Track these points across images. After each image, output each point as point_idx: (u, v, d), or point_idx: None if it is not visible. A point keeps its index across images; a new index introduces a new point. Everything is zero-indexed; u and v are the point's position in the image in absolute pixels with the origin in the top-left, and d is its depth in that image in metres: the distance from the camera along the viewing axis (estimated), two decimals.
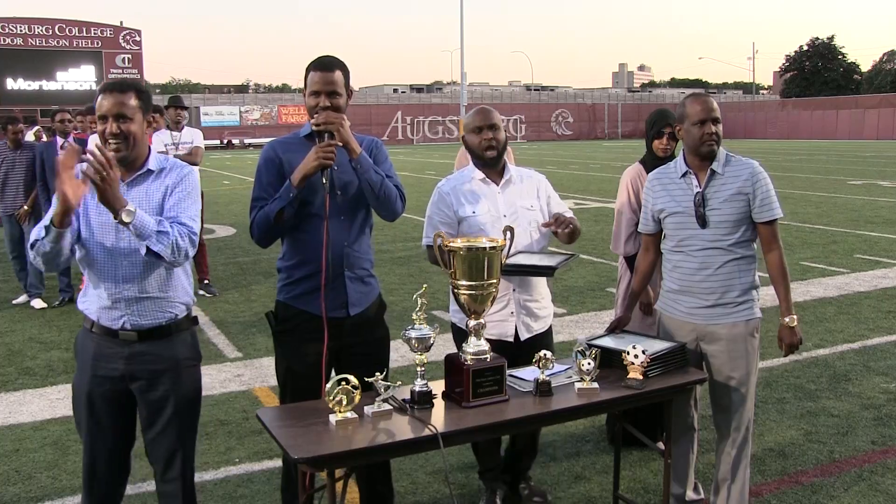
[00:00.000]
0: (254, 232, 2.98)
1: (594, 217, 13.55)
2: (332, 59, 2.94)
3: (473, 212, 3.27)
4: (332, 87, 2.88)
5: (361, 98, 63.05)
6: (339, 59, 2.97)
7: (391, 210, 2.99)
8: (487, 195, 3.31)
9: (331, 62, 2.92)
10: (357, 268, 3.00)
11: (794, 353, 3.22)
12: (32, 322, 7.08)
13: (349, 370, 2.64)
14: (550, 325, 3.47)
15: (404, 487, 3.74)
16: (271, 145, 3.11)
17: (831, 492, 3.64)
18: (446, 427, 2.50)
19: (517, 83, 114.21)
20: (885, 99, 51.00)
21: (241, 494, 3.70)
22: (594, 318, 6.84)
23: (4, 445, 4.34)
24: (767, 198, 3.06)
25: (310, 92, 2.90)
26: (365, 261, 3.05)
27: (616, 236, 4.08)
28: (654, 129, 3.93)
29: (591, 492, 3.69)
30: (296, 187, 2.85)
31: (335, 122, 2.84)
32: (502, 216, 3.26)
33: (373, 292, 3.09)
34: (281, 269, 3.08)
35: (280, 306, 3.05)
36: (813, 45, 70.03)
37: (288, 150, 3.00)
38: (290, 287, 3.00)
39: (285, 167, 2.95)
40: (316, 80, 2.89)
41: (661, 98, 72.25)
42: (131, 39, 41.47)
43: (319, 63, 2.91)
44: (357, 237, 3.01)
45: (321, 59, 2.94)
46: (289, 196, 2.85)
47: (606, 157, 32.77)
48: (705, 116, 3.04)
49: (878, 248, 10.01)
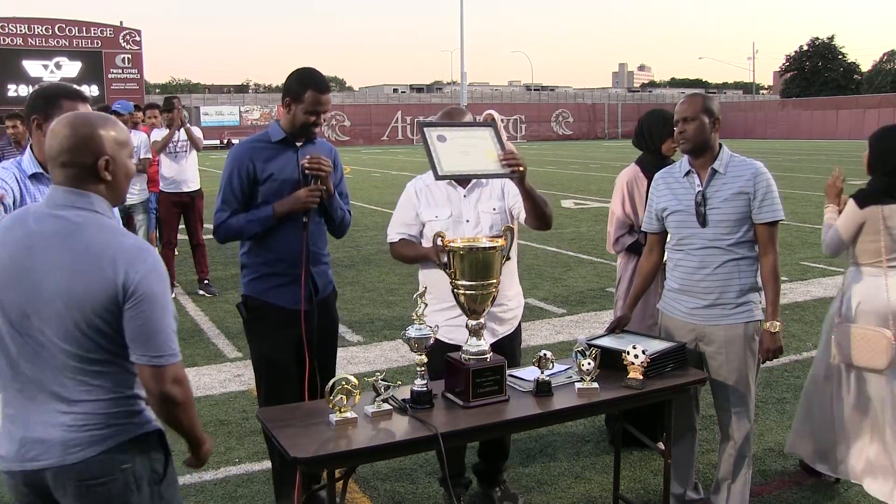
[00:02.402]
0: (220, 235, 3.23)
1: (594, 217, 13.55)
2: (325, 79, 3.17)
3: (436, 216, 3.26)
4: (327, 108, 3.15)
5: (362, 98, 63.07)
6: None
7: (341, 235, 3.45)
8: (452, 199, 3.28)
9: (327, 84, 3.16)
10: (321, 263, 3.31)
11: (772, 360, 3.19)
12: None
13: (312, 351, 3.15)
14: (519, 325, 3.40)
15: (404, 487, 3.74)
16: (243, 149, 3.22)
17: (831, 492, 3.64)
18: (446, 427, 2.50)
19: (517, 83, 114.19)
20: (885, 99, 50.99)
21: (241, 494, 3.70)
22: (594, 318, 6.84)
23: None
24: (768, 199, 3.06)
25: (307, 110, 3.10)
26: (325, 254, 3.36)
27: (608, 235, 4.10)
28: (664, 130, 3.86)
29: (591, 492, 3.69)
30: (276, 217, 3.12)
31: (325, 171, 3.12)
32: (465, 221, 3.23)
33: (331, 283, 3.41)
34: (246, 265, 3.27)
35: (248, 300, 3.28)
36: (813, 45, 69.99)
37: (260, 155, 3.16)
38: (256, 282, 3.24)
39: (258, 173, 3.14)
40: (317, 100, 3.11)
41: (662, 98, 72.23)
42: (131, 39, 41.43)
43: (320, 84, 3.12)
44: (319, 237, 3.30)
45: (319, 79, 3.15)
46: (267, 224, 3.11)
47: (606, 157, 32.76)
48: (677, 118, 3.14)
49: None
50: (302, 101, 3.09)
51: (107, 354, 1.92)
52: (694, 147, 3.10)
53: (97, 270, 1.86)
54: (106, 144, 1.95)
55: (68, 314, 1.86)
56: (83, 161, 1.92)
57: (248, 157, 3.14)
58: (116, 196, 2.02)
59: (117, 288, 1.86)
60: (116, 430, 1.94)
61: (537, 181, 21.80)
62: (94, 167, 1.94)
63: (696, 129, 3.07)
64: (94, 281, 1.86)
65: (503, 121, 7.31)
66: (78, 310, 1.86)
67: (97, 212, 1.94)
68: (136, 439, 1.98)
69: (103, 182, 1.96)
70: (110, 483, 1.93)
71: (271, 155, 3.14)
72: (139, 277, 1.87)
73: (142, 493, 1.98)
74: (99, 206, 1.95)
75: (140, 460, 1.98)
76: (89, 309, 1.86)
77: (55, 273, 1.87)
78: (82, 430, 1.91)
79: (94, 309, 1.86)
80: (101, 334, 1.89)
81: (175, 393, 1.93)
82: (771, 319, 3.10)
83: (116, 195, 2.02)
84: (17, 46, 39.28)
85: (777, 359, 3.19)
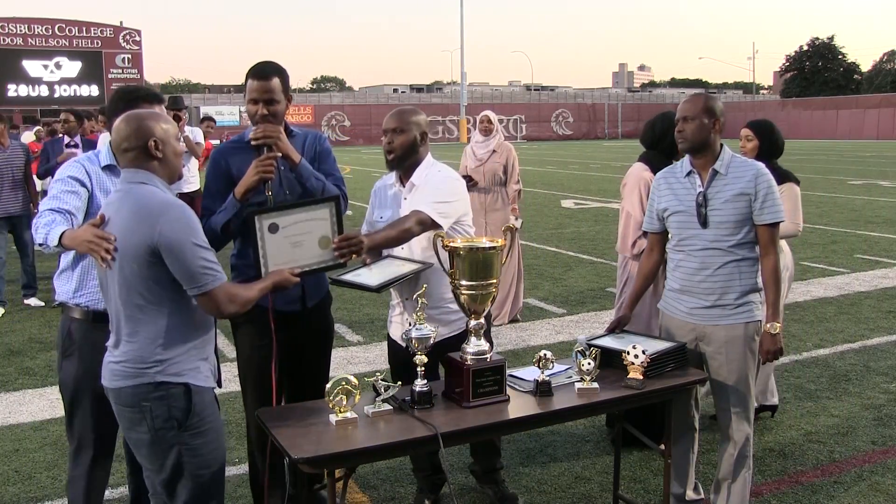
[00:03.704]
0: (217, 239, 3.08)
1: (594, 217, 13.55)
2: (269, 66, 3.00)
3: (381, 217, 3.30)
4: (270, 94, 2.96)
5: (362, 98, 63.04)
6: (277, 64, 3.04)
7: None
8: (396, 200, 3.29)
9: (268, 70, 2.97)
10: None
11: (772, 361, 3.19)
12: (32, 322, 7.07)
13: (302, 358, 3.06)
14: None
15: (404, 488, 3.74)
16: (219, 151, 3.20)
17: (831, 492, 3.64)
18: (446, 427, 2.49)
19: (517, 83, 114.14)
20: (885, 99, 50.96)
21: (241, 494, 3.70)
22: (594, 318, 6.83)
23: (4, 445, 4.34)
24: (769, 200, 3.05)
25: (248, 99, 2.98)
26: None
27: (623, 238, 4.04)
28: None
29: (591, 492, 3.69)
30: (239, 201, 2.95)
31: (273, 136, 2.92)
32: None
33: (324, 284, 3.25)
34: (235, 266, 3.19)
35: None
36: (813, 45, 69.98)
37: (235, 155, 3.08)
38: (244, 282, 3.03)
39: (234, 173, 3.04)
40: (254, 87, 2.96)
41: (662, 98, 72.20)
42: (131, 39, 41.44)
43: (257, 71, 2.97)
44: None
45: (259, 66, 2.99)
46: (234, 209, 2.96)
47: (606, 157, 32.75)
48: (678, 116, 3.15)
49: (878, 248, 10.01)
50: (245, 93, 3.00)
51: (144, 301, 2.34)
52: (692, 147, 3.10)
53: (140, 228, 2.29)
54: (155, 130, 2.41)
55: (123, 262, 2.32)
56: (138, 144, 2.39)
57: (223, 160, 3.09)
58: (170, 171, 2.47)
59: (152, 242, 2.28)
60: (141, 372, 2.36)
61: (537, 181, 21.74)
62: (146, 148, 2.39)
63: (695, 128, 3.08)
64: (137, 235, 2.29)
65: (502, 121, 7.29)
66: (126, 259, 2.31)
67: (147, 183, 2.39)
68: (159, 385, 2.36)
69: (156, 160, 2.41)
70: (131, 412, 2.39)
71: (246, 156, 3.01)
72: (164, 230, 2.28)
73: (159, 430, 2.38)
74: (152, 180, 2.40)
75: (158, 404, 2.37)
76: (131, 258, 2.31)
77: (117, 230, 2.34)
78: (119, 365, 2.39)
79: (133, 257, 2.30)
80: (142, 282, 2.32)
81: (232, 310, 2.43)
82: (771, 321, 3.09)
83: (170, 171, 2.47)
84: (17, 46, 39.25)
85: (777, 360, 3.19)
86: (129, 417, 2.42)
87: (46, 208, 2.70)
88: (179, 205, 2.37)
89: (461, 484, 3.77)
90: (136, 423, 2.40)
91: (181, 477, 2.43)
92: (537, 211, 14.34)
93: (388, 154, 3.21)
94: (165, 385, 2.37)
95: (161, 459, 2.42)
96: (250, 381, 3.20)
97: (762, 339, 3.13)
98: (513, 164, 6.70)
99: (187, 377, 2.41)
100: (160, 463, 2.43)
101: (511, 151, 6.76)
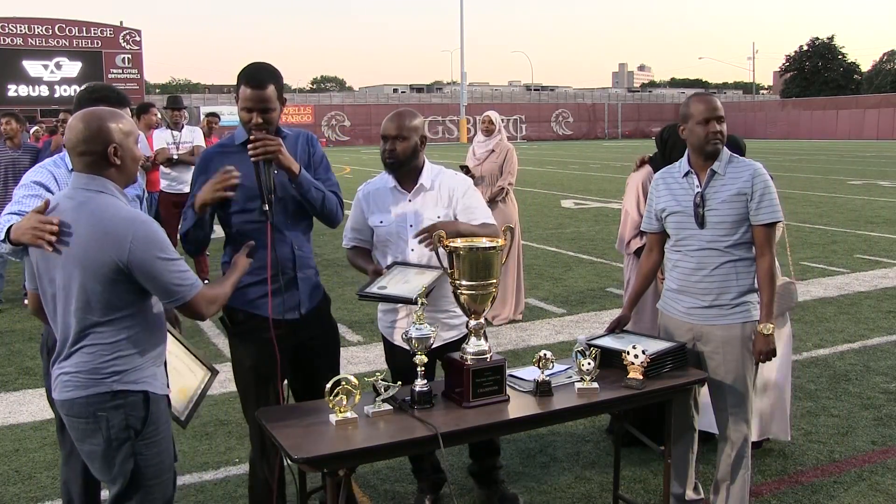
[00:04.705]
0: (184, 245, 3.07)
1: (594, 217, 13.55)
2: (263, 72, 2.89)
3: (381, 221, 3.26)
4: (265, 104, 2.87)
5: (362, 98, 63.04)
6: (271, 67, 2.93)
7: (333, 220, 3.09)
8: (398, 204, 3.26)
9: (263, 78, 2.86)
10: (307, 268, 3.07)
11: (764, 363, 3.18)
12: (32, 322, 7.07)
13: (309, 363, 3.00)
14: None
15: (404, 488, 3.74)
16: (209, 153, 3.10)
17: (831, 492, 3.64)
18: (446, 427, 2.49)
19: (517, 83, 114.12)
20: (885, 99, 50.98)
21: (241, 494, 3.70)
22: (594, 318, 6.84)
23: (4, 445, 4.34)
24: (766, 199, 3.05)
25: (242, 108, 2.89)
26: (311, 260, 3.12)
27: (621, 237, 4.07)
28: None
29: (591, 492, 3.69)
30: (196, 214, 2.87)
31: (273, 151, 2.82)
32: (409, 226, 3.21)
33: (321, 288, 3.19)
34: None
35: (231, 311, 3.02)
36: (813, 45, 69.98)
37: (223, 159, 2.96)
38: (240, 292, 2.87)
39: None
40: (248, 97, 2.85)
41: (662, 98, 72.24)
42: (131, 39, 41.47)
43: (251, 78, 2.85)
44: (304, 240, 3.07)
45: (253, 72, 2.88)
46: (192, 221, 2.90)
47: (606, 157, 32.76)
48: (710, 115, 3.04)
49: (878, 248, 10.01)
50: (238, 98, 2.90)
51: (102, 316, 2.27)
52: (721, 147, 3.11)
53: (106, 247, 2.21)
54: (114, 135, 2.29)
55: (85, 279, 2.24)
56: (96, 149, 2.28)
57: (210, 163, 2.98)
58: (127, 178, 2.38)
59: (122, 262, 2.21)
60: (96, 382, 2.30)
61: (537, 181, 21.69)
62: (105, 154, 2.28)
63: (726, 129, 3.10)
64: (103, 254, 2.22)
65: (503, 121, 7.30)
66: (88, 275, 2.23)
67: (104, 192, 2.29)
68: (116, 394, 2.30)
69: (113, 166, 2.31)
70: (85, 423, 2.31)
71: (234, 159, 2.92)
72: (134, 250, 2.22)
73: (114, 441, 2.31)
74: (108, 188, 2.30)
75: (115, 414, 2.31)
76: (91, 273, 2.23)
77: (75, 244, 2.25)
78: (71, 376, 2.31)
79: (95, 274, 2.22)
80: (103, 298, 2.25)
81: (212, 311, 2.42)
82: (765, 322, 3.08)
83: (127, 177, 2.38)
84: (17, 46, 39.28)
85: (770, 361, 3.18)
86: (81, 429, 2.34)
87: (7, 212, 2.57)
88: (143, 220, 2.29)
89: (461, 484, 3.77)
90: (89, 434, 2.33)
91: (136, 488, 2.37)
92: (537, 211, 14.34)
93: (388, 160, 3.22)
94: (123, 394, 2.31)
95: (115, 470, 2.36)
96: (252, 393, 3.09)
97: (755, 339, 3.11)
98: (509, 162, 6.71)
99: (145, 384, 2.36)
100: (114, 474, 2.36)
101: (510, 151, 6.77)
